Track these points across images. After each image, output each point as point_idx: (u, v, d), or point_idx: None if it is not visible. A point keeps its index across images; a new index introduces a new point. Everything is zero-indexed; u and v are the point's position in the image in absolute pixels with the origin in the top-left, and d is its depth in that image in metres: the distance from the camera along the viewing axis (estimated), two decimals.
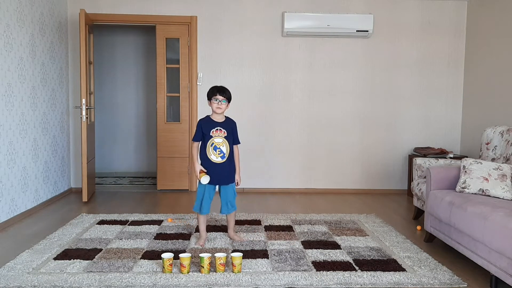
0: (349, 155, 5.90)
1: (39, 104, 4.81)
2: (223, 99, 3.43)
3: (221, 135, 3.45)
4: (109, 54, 7.16)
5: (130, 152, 7.31)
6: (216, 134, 3.45)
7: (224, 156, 3.45)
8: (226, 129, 3.47)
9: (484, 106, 5.37)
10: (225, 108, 3.46)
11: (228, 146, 3.46)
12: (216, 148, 3.44)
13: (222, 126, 3.47)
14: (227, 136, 3.46)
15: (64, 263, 3.08)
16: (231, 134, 3.50)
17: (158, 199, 5.39)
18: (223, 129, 3.46)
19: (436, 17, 5.81)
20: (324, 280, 2.85)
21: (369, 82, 5.84)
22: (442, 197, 3.44)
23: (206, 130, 3.45)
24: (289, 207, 5.02)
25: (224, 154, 3.45)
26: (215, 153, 3.44)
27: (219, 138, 3.45)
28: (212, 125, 3.46)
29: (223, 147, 3.45)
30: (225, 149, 3.45)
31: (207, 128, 3.46)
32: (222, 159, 3.45)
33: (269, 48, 5.75)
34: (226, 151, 3.46)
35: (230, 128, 3.50)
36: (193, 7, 5.69)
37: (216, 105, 3.43)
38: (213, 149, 3.44)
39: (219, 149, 3.44)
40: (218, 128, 3.46)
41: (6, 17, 4.10)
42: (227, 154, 3.46)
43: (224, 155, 3.45)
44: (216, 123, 3.47)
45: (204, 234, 3.58)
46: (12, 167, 4.24)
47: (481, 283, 2.90)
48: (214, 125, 3.46)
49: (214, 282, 2.79)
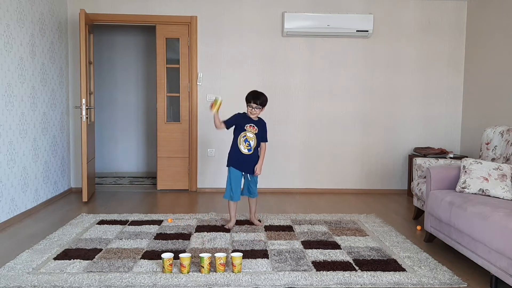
0: (349, 155, 5.90)
1: (39, 104, 4.81)
2: (256, 106, 3.90)
3: (253, 131, 3.97)
4: (109, 54, 7.16)
5: (130, 152, 7.31)
6: (249, 129, 3.97)
7: (250, 149, 3.97)
8: (258, 127, 4.00)
9: (484, 106, 5.37)
10: (259, 113, 3.97)
11: (255, 141, 3.98)
12: (246, 141, 3.96)
13: (255, 123, 3.99)
14: (257, 133, 3.98)
15: (64, 263, 3.08)
16: (261, 132, 4.01)
17: (158, 199, 5.39)
18: (256, 127, 3.98)
19: (436, 17, 5.81)
20: (324, 280, 2.85)
21: (369, 82, 5.84)
22: (442, 197, 3.44)
23: (241, 123, 3.96)
24: (289, 207, 5.01)
25: (251, 148, 3.97)
26: (245, 145, 3.97)
27: (251, 133, 3.97)
28: (247, 121, 3.97)
29: (252, 141, 3.97)
30: (253, 144, 3.98)
31: (243, 122, 3.97)
32: (249, 151, 3.97)
33: (269, 48, 5.75)
34: (253, 145, 3.98)
35: (261, 127, 4.02)
36: (193, 7, 5.69)
37: (250, 110, 3.93)
38: (243, 141, 3.96)
39: (248, 142, 3.97)
40: (252, 124, 3.97)
41: (6, 17, 4.10)
42: (253, 148, 3.98)
43: (251, 148, 3.97)
44: (251, 120, 3.98)
45: (233, 219, 4.05)
46: (12, 167, 4.24)
47: (481, 283, 2.90)
48: (249, 121, 3.97)
49: (214, 282, 2.79)
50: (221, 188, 5.78)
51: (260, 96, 3.92)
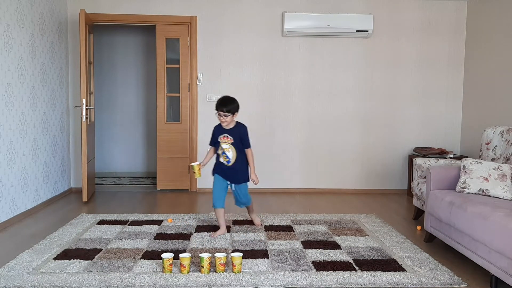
0: (349, 155, 5.90)
1: (39, 104, 4.81)
2: (224, 114, 3.59)
3: (228, 142, 3.67)
4: (109, 54, 7.16)
5: (130, 152, 7.31)
6: (223, 140, 3.68)
7: (229, 161, 3.69)
8: (233, 136, 3.66)
9: (484, 106, 5.37)
10: (230, 120, 3.63)
11: (234, 152, 3.67)
12: (223, 153, 3.70)
13: (229, 133, 3.67)
14: (233, 142, 3.66)
15: (64, 263, 3.08)
16: (239, 140, 3.67)
17: (158, 199, 5.39)
18: (230, 136, 3.67)
19: (436, 17, 5.81)
20: (324, 280, 2.85)
21: (369, 82, 5.84)
22: (442, 197, 3.44)
23: (216, 136, 3.72)
24: (289, 207, 5.01)
25: (229, 160, 3.69)
26: (223, 157, 3.71)
27: (226, 144, 3.68)
28: (220, 132, 3.70)
29: (229, 152, 3.68)
30: (231, 155, 3.68)
31: (217, 134, 3.72)
32: (228, 163, 3.70)
33: (269, 48, 5.75)
34: (232, 157, 3.68)
35: (238, 134, 3.67)
36: (193, 7, 5.69)
37: (219, 118, 3.65)
38: (221, 153, 3.71)
39: (225, 154, 3.69)
40: (225, 135, 3.67)
41: (6, 17, 4.10)
42: (233, 159, 3.69)
43: (229, 160, 3.69)
44: (223, 130, 3.69)
45: (222, 227, 3.79)
46: (12, 167, 4.24)
47: (481, 283, 2.90)
48: (222, 132, 3.69)
49: (214, 282, 2.79)
50: None
51: (228, 102, 3.58)
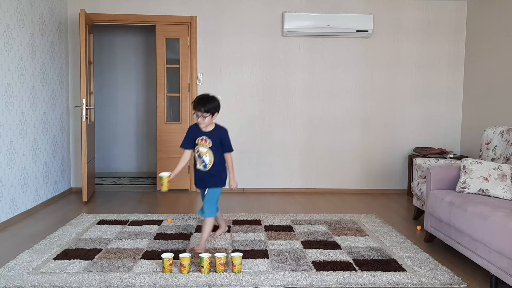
0: (349, 155, 5.90)
1: (39, 104, 4.81)
2: (202, 114, 3.19)
3: (206, 145, 3.29)
4: (109, 54, 7.16)
5: (130, 152, 7.31)
6: (201, 143, 3.30)
7: (206, 166, 3.30)
8: (213, 139, 3.29)
9: (484, 106, 5.37)
10: (208, 122, 3.25)
11: (212, 156, 3.29)
12: (200, 157, 3.32)
13: (208, 135, 3.30)
14: (212, 146, 3.29)
15: (64, 263, 3.08)
16: (218, 144, 3.31)
17: (158, 199, 5.39)
18: (209, 139, 3.29)
19: (436, 17, 5.81)
20: (324, 280, 2.85)
21: (369, 82, 5.84)
22: (442, 197, 3.44)
23: (193, 138, 3.34)
24: (289, 207, 5.01)
25: (206, 164, 3.30)
26: (199, 161, 3.33)
27: (203, 148, 3.29)
28: (198, 133, 3.31)
29: (206, 157, 3.29)
30: (208, 160, 3.29)
31: (194, 135, 3.34)
32: (204, 168, 3.31)
33: (269, 48, 5.75)
34: (208, 161, 3.29)
35: (218, 138, 3.31)
36: (193, 7, 5.69)
37: (196, 119, 3.25)
38: (197, 157, 3.33)
39: (201, 159, 3.31)
40: (204, 137, 3.30)
41: (6, 17, 4.10)
42: (210, 164, 3.29)
43: (206, 165, 3.30)
44: (201, 132, 3.31)
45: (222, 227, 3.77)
46: (12, 167, 4.24)
47: (481, 283, 2.90)
48: (200, 134, 3.31)
49: (214, 282, 2.79)
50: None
51: (206, 101, 3.21)
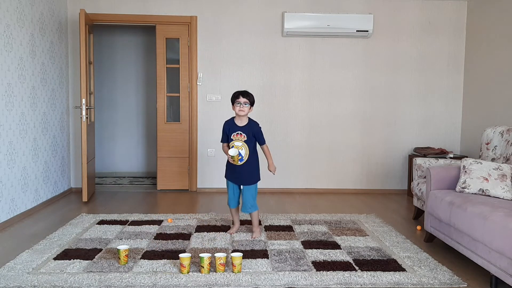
0: (349, 155, 5.90)
1: (39, 104, 4.81)
2: (245, 101, 3.55)
3: (241, 139, 3.59)
4: (109, 54, 7.16)
5: (130, 152, 7.30)
6: (236, 138, 3.59)
7: (242, 159, 3.58)
8: (247, 133, 3.59)
9: (484, 106, 5.37)
10: (247, 111, 3.57)
11: (247, 150, 3.58)
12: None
13: (242, 130, 3.60)
14: (247, 140, 3.59)
15: (64, 263, 3.08)
16: (252, 137, 3.61)
17: (158, 199, 5.39)
18: (244, 133, 3.59)
19: (436, 17, 5.81)
20: (324, 280, 2.85)
21: (369, 82, 5.84)
22: (442, 197, 3.44)
23: (228, 133, 3.63)
24: (289, 207, 5.01)
25: (242, 157, 3.57)
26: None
27: (239, 142, 3.59)
28: (233, 129, 3.61)
29: (242, 150, 3.57)
30: (244, 153, 3.58)
31: (230, 131, 3.63)
32: (240, 161, 3.58)
33: (269, 48, 5.75)
34: (245, 154, 3.58)
35: (251, 132, 3.60)
36: (193, 7, 5.69)
37: (239, 108, 3.55)
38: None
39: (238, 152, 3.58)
40: (239, 132, 3.60)
41: (6, 17, 4.10)
42: (246, 157, 3.58)
43: (242, 158, 3.57)
44: (237, 127, 3.61)
45: (236, 224, 3.88)
46: (12, 167, 4.24)
47: (481, 283, 2.90)
48: (235, 129, 3.60)
49: (214, 282, 2.79)
50: (221, 188, 5.78)
51: (248, 93, 3.60)
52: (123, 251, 3.05)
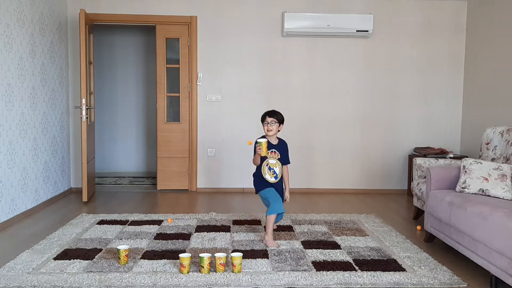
0: (349, 155, 5.90)
1: (39, 104, 4.81)
2: (272, 120, 3.58)
3: (275, 157, 3.64)
4: (109, 54, 7.16)
5: (130, 152, 7.31)
6: (271, 155, 3.63)
7: (277, 176, 3.65)
8: (280, 151, 3.67)
9: (484, 106, 5.37)
10: (276, 130, 3.62)
11: (280, 167, 3.67)
12: (270, 169, 3.64)
13: (276, 148, 3.66)
14: (280, 158, 3.66)
15: (64, 263, 3.08)
16: (283, 155, 3.68)
17: (158, 199, 5.39)
18: (277, 151, 3.66)
19: (436, 17, 5.81)
20: (324, 280, 2.85)
21: (369, 82, 5.84)
22: (442, 197, 3.44)
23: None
24: (289, 207, 5.01)
25: (277, 175, 3.65)
26: (270, 173, 3.64)
27: (273, 160, 3.64)
28: (268, 147, 3.56)
29: (277, 168, 3.65)
30: (278, 170, 3.65)
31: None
32: (276, 179, 3.65)
33: (269, 48, 5.75)
34: (279, 172, 3.66)
35: (283, 150, 3.69)
36: (193, 7, 5.69)
37: (267, 128, 3.60)
38: (268, 169, 3.64)
39: (272, 170, 3.64)
40: (273, 150, 3.64)
41: (6, 17, 4.10)
42: (279, 174, 3.67)
43: (277, 175, 3.65)
44: (271, 145, 3.62)
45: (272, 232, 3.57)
46: (12, 167, 4.24)
47: (481, 283, 2.90)
48: (270, 147, 3.60)
49: (214, 282, 2.79)
50: (221, 188, 5.79)
51: (277, 112, 3.63)
52: (123, 251, 3.05)
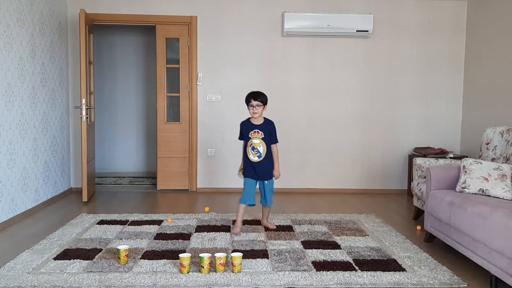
0: (349, 155, 5.90)
1: (39, 104, 4.81)
2: (257, 104, 3.74)
3: (259, 137, 3.79)
4: (109, 54, 7.16)
5: (130, 152, 7.30)
6: (254, 135, 3.80)
7: (260, 155, 3.80)
8: (264, 131, 3.80)
9: (484, 106, 5.37)
10: (261, 112, 3.78)
11: (265, 147, 3.81)
12: (254, 149, 3.79)
13: (259, 128, 3.80)
14: (264, 137, 3.80)
15: (64, 263, 3.08)
16: (268, 135, 3.82)
17: (158, 199, 5.39)
18: (261, 131, 3.80)
19: (436, 17, 5.81)
20: (324, 280, 2.85)
21: (369, 82, 5.84)
22: (442, 197, 3.44)
23: (245, 132, 3.83)
24: (289, 207, 5.01)
25: (260, 154, 3.80)
26: (253, 153, 3.80)
27: (257, 140, 3.79)
28: (250, 127, 3.81)
29: (260, 147, 3.79)
30: (262, 150, 3.80)
31: (246, 130, 3.83)
32: (259, 158, 3.80)
33: (269, 48, 5.75)
34: (263, 151, 3.80)
35: (268, 130, 3.82)
36: (193, 7, 5.69)
37: (252, 111, 3.76)
38: (251, 149, 3.80)
39: (256, 149, 3.79)
40: (256, 130, 3.80)
41: (6, 17, 4.10)
42: (264, 154, 3.81)
43: (260, 154, 3.80)
44: (254, 126, 3.81)
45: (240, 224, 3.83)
46: (12, 167, 4.24)
47: (481, 283, 2.90)
48: (252, 128, 3.81)
49: (214, 282, 2.79)
50: (221, 188, 5.79)
51: (260, 94, 3.79)
52: (123, 251, 3.05)
